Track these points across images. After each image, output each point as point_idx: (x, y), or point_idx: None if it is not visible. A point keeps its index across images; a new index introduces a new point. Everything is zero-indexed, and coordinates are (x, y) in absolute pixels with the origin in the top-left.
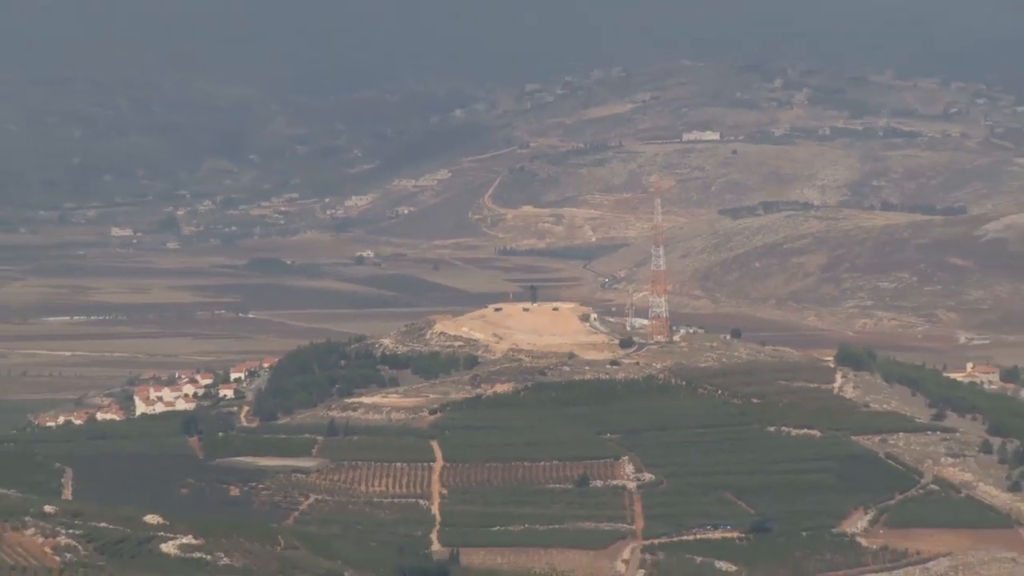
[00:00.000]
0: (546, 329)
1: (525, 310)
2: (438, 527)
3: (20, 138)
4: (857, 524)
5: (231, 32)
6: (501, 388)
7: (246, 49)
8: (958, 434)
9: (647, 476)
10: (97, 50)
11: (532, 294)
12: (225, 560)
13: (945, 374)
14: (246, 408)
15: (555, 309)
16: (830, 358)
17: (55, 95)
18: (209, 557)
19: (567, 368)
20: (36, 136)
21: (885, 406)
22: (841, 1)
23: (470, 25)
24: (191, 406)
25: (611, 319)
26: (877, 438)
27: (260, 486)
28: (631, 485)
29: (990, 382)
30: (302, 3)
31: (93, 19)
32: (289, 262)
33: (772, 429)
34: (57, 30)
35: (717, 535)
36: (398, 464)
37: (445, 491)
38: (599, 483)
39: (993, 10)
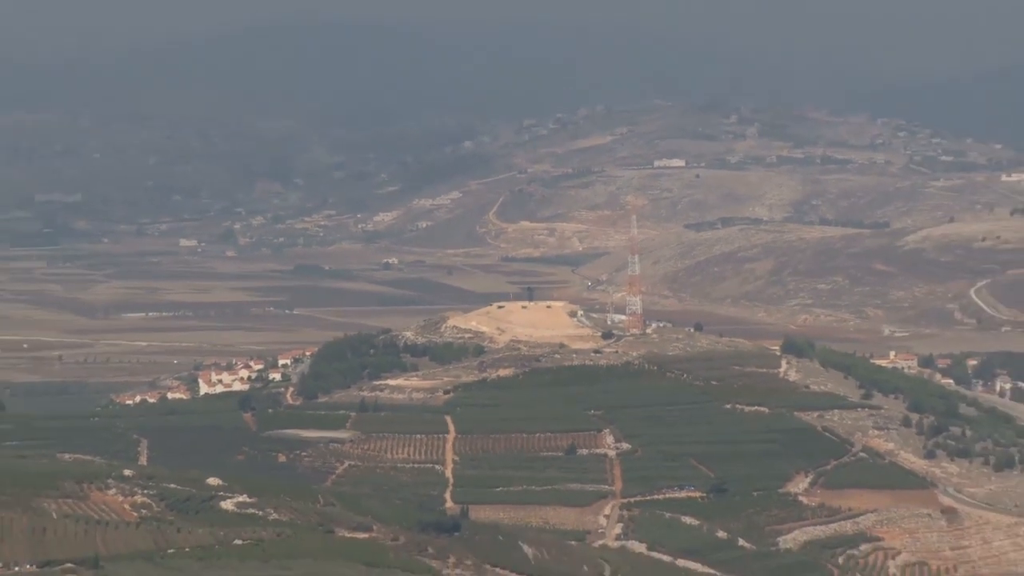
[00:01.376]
0: (541, 323)
1: (523, 307)
2: (451, 488)
3: (105, 165)
4: (799, 485)
5: (280, 77)
6: (503, 372)
7: (292, 91)
8: (883, 411)
9: (624, 445)
10: (169, 91)
11: (529, 294)
12: (274, 515)
13: (872, 361)
14: (291, 389)
15: (548, 307)
16: (776, 348)
17: (134, 129)
18: (260, 513)
19: (558, 356)
20: (118, 163)
21: (822, 387)
22: (785, 51)
23: (477, 71)
24: (246, 387)
25: (595, 315)
26: (815, 414)
27: (303, 454)
28: (611, 453)
29: (909, 367)
30: (339, 54)
31: (165, 65)
32: (327, 267)
33: (728, 406)
34: (135, 74)
35: (683, 495)
36: (417, 435)
37: (457, 458)
38: (585, 451)
39: (911, 60)
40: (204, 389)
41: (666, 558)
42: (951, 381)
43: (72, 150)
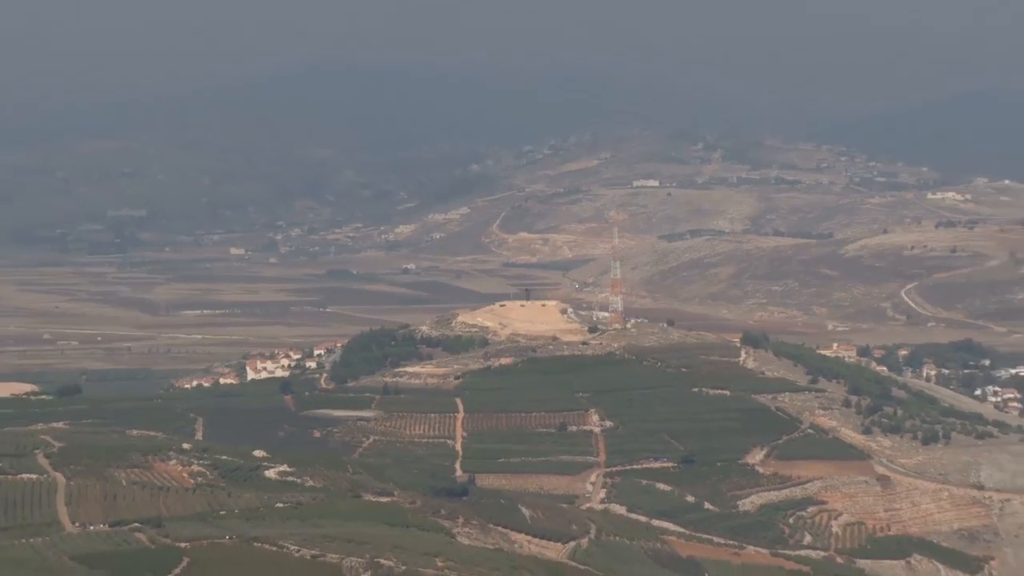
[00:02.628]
0: (536, 319)
1: (521, 306)
2: (460, 459)
3: (167, 185)
4: (755, 457)
5: (316, 111)
6: (504, 361)
7: (326, 123)
8: (827, 393)
9: (608, 423)
10: (221, 122)
11: (526, 295)
12: (310, 482)
13: (817, 351)
14: (325, 375)
15: (543, 305)
16: (736, 340)
17: (191, 155)
18: (298, 480)
19: (551, 347)
20: (178, 183)
21: (775, 373)
22: (745, 89)
23: (482, 106)
24: (286, 374)
25: (582, 312)
26: (770, 396)
27: (335, 430)
28: (597, 430)
29: (849, 357)
30: (366, 92)
31: (218, 100)
32: (355, 272)
33: (696, 390)
34: (193, 108)
35: (657, 465)
36: (431, 414)
37: (465, 434)
38: (574, 428)
39: (851, 96)
40: (251, 375)
41: (643, 519)
42: (885, 368)
43: (139, 172)
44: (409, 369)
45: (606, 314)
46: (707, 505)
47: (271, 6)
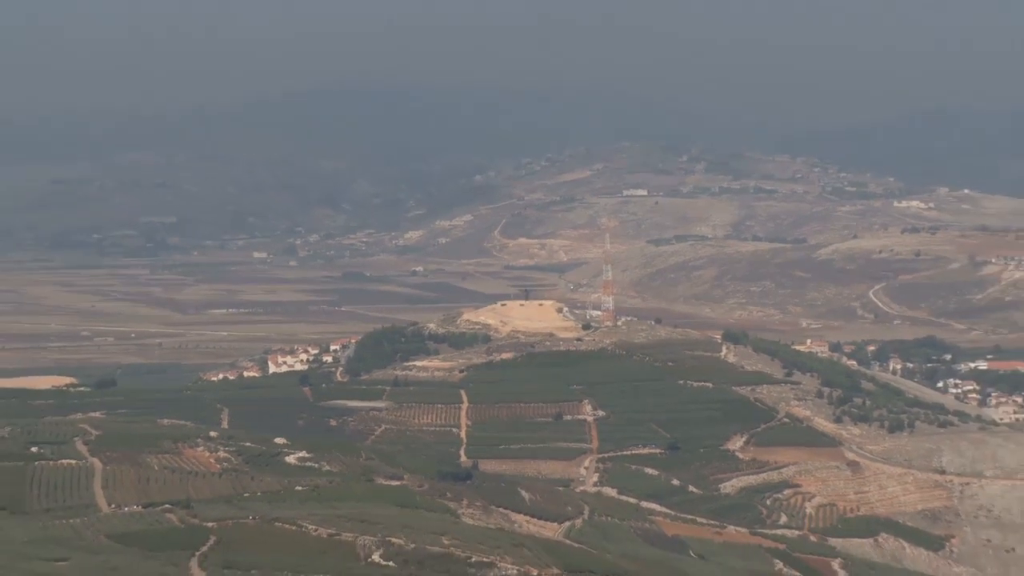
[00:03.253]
0: (534, 318)
1: (521, 305)
2: (464, 446)
3: (196, 195)
4: (736, 444)
5: (332, 127)
6: (505, 356)
7: (342, 138)
8: (801, 385)
9: (600, 413)
10: (245, 137)
11: (525, 295)
12: (326, 467)
13: (792, 347)
14: (340, 369)
15: (540, 305)
16: (718, 336)
17: (218, 166)
18: (316, 465)
19: (548, 343)
20: (205, 193)
21: (754, 367)
22: (727, 106)
23: (485, 122)
24: (305, 367)
25: (577, 311)
26: (749, 388)
27: (349, 419)
28: (590, 419)
29: (822, 352)
30: (378, 110)
31: (243, 116)
32: (368, 274)
33: (681, 382)
34: (220, 124)
35: (645, 451)
36: (438, 405)
37: (469, 422)
38: (569, 417)
39: (823, 113)
40: (272, 369)
41: (632, 500)
42: (854, 362)
43: (169, 183)
44: (417, 363)
45: (598, 313)
46: (691, 488)
47: (291, 31)
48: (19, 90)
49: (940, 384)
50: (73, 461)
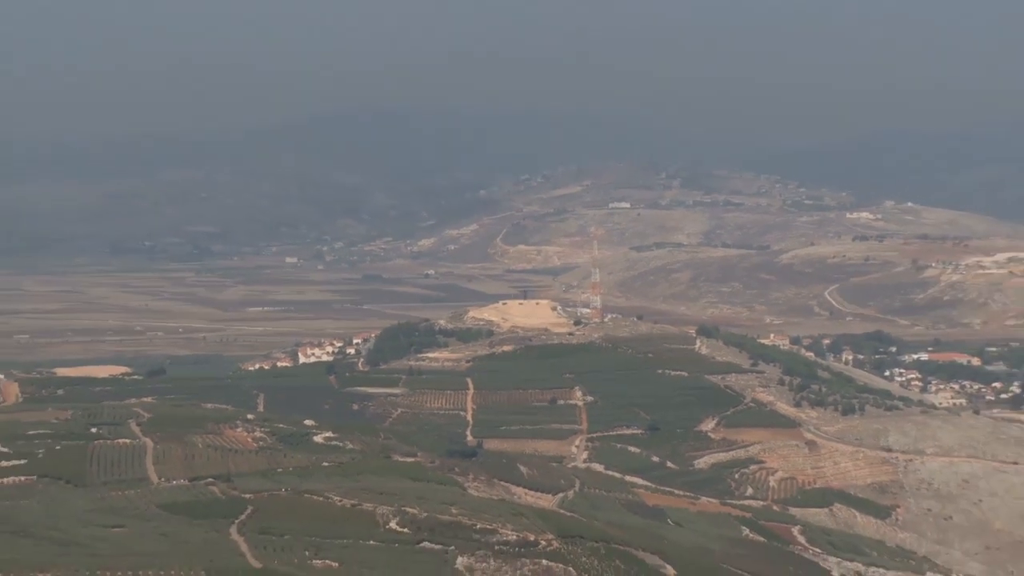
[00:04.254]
0: (532, 315)
1: (520, 304)
2: (470, 427)
3: (234, 207)
4: (708, 425)
5: (354, 146)
6: (506, 348)
7: (362, 155)
8: (765, 374)
9: (589, 398)
10: (278, 156)
11: (523, 295)
12: (350, 445)
13: (758, 340)
14: (361, 359)
15: (537, 303)
16: (693, 331)
17: (254, 182)
18: (340, 444)
19: (543, 337)
20: (243, 205)
21: (724, 358)
22: (700, 129)
23: (489, 143)
24: (331, 358)
25: (569, 309)
26: (719, 376)
27: (369, 404)
28: (580, 403)
29: (783, 345)
30: (394, 131)
31: (276, 138)
32: (385, 277)
33: (660, 371)
34: (255, 145)
35: (628, 432)
36: (447, 391)
37: (474, 406)
38: (562, 402)
39: (783, 135)
40: (302, 359)
41: (617, 475)
42: (812, 354)
43: (212, 196)
44: (429, 355)
45: (588, 310)
46: (669, 464)
47: (316, 63)
48: (78, 115)
49: (886, 373)
50: (128, 440)
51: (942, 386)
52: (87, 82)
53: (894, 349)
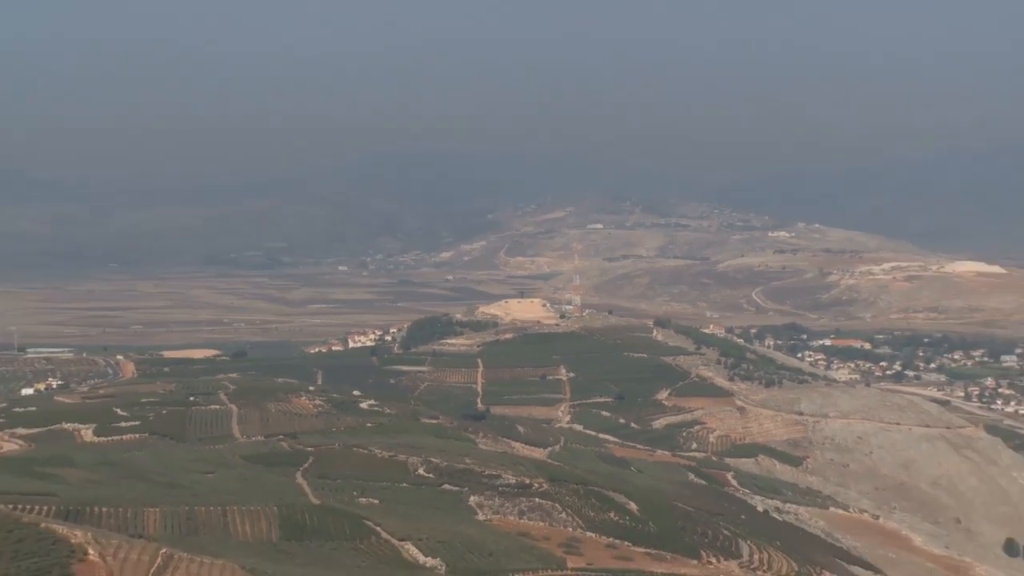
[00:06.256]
0: (527, 310)
1: (518, 302)
2: (480, 396)
3: (299, 228)
4: (662, 395)
5: (390, 181)
6: (508, 336)
7: (396, 186)
8: (706, 356)
9: (571, 374)
10: (332, 187)
11: (521, 295)
12: (388, 411)
13: (701, 330)
14: (396, 344)
15: (531, 302)
16: (651, 323)
17: (315, 208)
18: (381, 409)
19: (536, 327)
20: (306, 226)
21: (674, 343)
22: (656, 166)
23: (496, 177)
24: (373, 343)
25: (556, 306)
26: (671, 357)
27: (403, 378)
28: (564, 378)
29: (720, 333)
30: (421, 168)
31: (329, 173)
32: (416, 281)
33: (626, 354)
34: (314, 180)
35: (601, 400)
36: (463, 369)
37: (484, 381)
38: (550, 377)
39: (715, 172)
40: (351, 344)
41: (592, 433)
42: (742, 340)
43: (282, 220)
44: (448, 341)
45: (570, 307)
46: (632, 425)
47: (363, 112)
48: (183, 157)
49: (799, 355)
50: (218, 406)
51: (841, 365)
52: (194, 130)
53: (805, 337)
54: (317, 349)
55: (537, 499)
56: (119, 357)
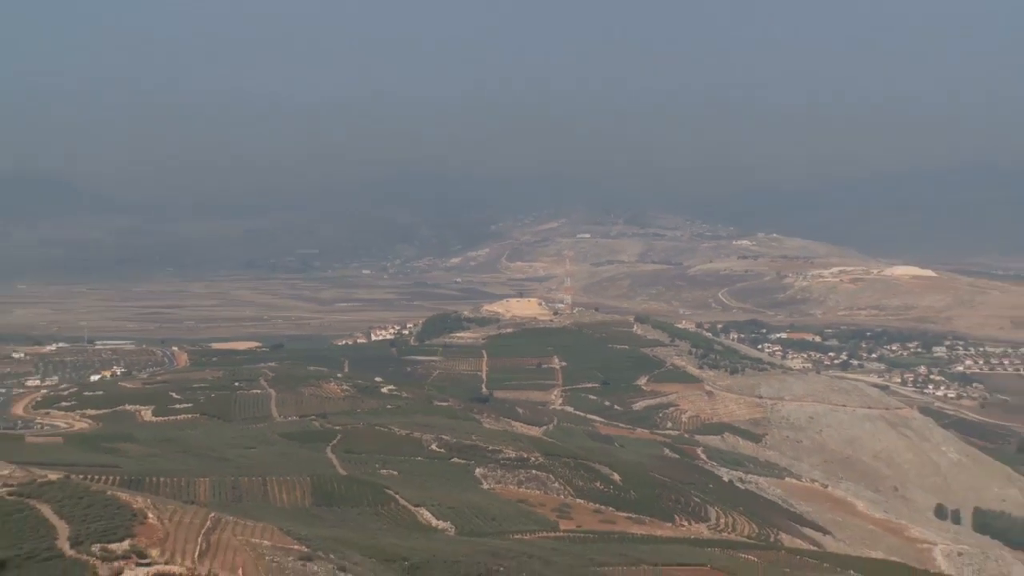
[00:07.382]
0: (526, 308)
1: (517, 301)
2: (485, 382)
3: (328, 237)
4: (642, 381)
5: (407, 196)
6: (509, 330)
7: (412, 201)
8: (679, 347)
9: (563, 363)
10: (357, 203)
11: (520, 295)
12: (405, 395)
13: (675, 325)
14: (413, 337)
15: (529, 301)
16: (632, 319)
17: (341, 220)
18: (399, 393)
19: (533, 323)
20: (334, 236)
21: (652, 337)
22: (637, 184)
23: (496, 195)
24: (392, 336)
25: (550, 304)
26: (649, 348)
27: (418, 367)
28: (557, 367)
29: (691, 328)
30: (432, 186)
31: (351, 191)
32: (428, 283)
33: (610, 346)
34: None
35: (589, 385)
36: (470, 358)
37: (488, 369)
38: (545, 366)
39: (689, 190)
40: (374, 337)
41: (582, 414)
42: (710, 334)
43: (314, 231)
44: (457, 335)
45: (562, 305)
46: (616, 407)
47: (385, 136)
48: (225, 179)
49: (759, 347)
50: (259, 391)
51: (795, 355)
52: (238, 154)
53: (764, 331)
54: (344, 341)
55: (534, 471)
56: (174, 348)
